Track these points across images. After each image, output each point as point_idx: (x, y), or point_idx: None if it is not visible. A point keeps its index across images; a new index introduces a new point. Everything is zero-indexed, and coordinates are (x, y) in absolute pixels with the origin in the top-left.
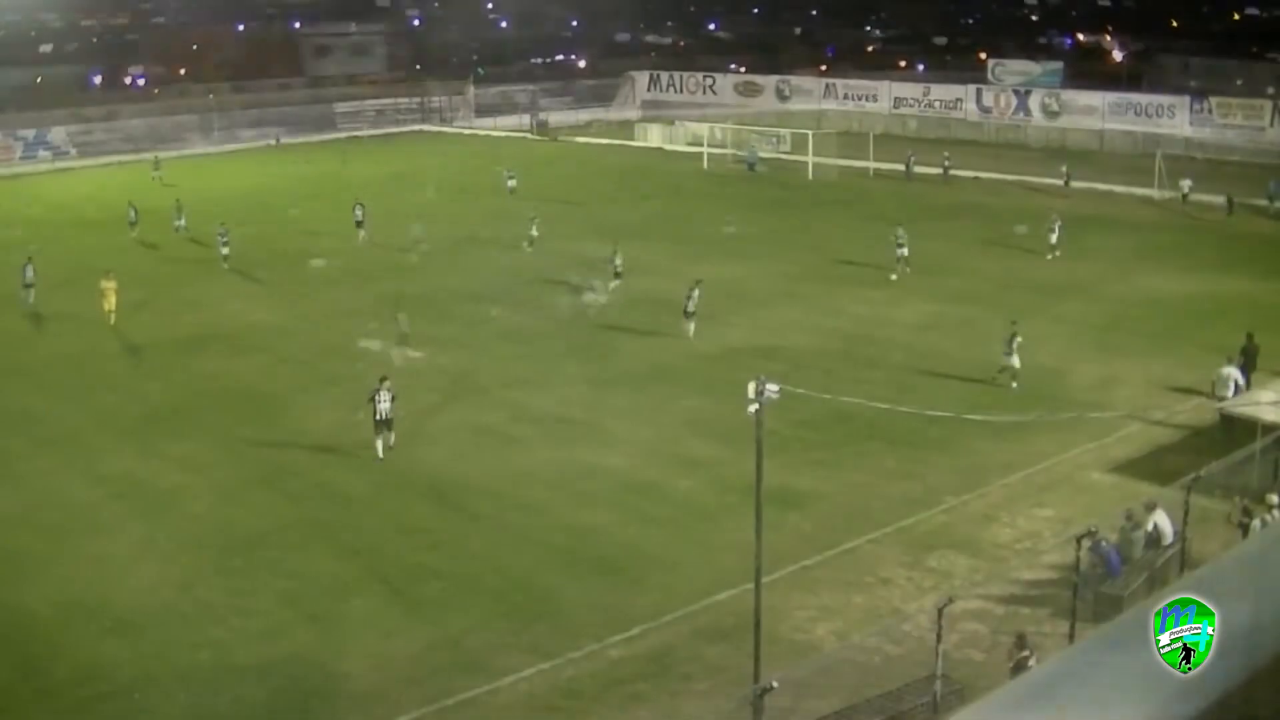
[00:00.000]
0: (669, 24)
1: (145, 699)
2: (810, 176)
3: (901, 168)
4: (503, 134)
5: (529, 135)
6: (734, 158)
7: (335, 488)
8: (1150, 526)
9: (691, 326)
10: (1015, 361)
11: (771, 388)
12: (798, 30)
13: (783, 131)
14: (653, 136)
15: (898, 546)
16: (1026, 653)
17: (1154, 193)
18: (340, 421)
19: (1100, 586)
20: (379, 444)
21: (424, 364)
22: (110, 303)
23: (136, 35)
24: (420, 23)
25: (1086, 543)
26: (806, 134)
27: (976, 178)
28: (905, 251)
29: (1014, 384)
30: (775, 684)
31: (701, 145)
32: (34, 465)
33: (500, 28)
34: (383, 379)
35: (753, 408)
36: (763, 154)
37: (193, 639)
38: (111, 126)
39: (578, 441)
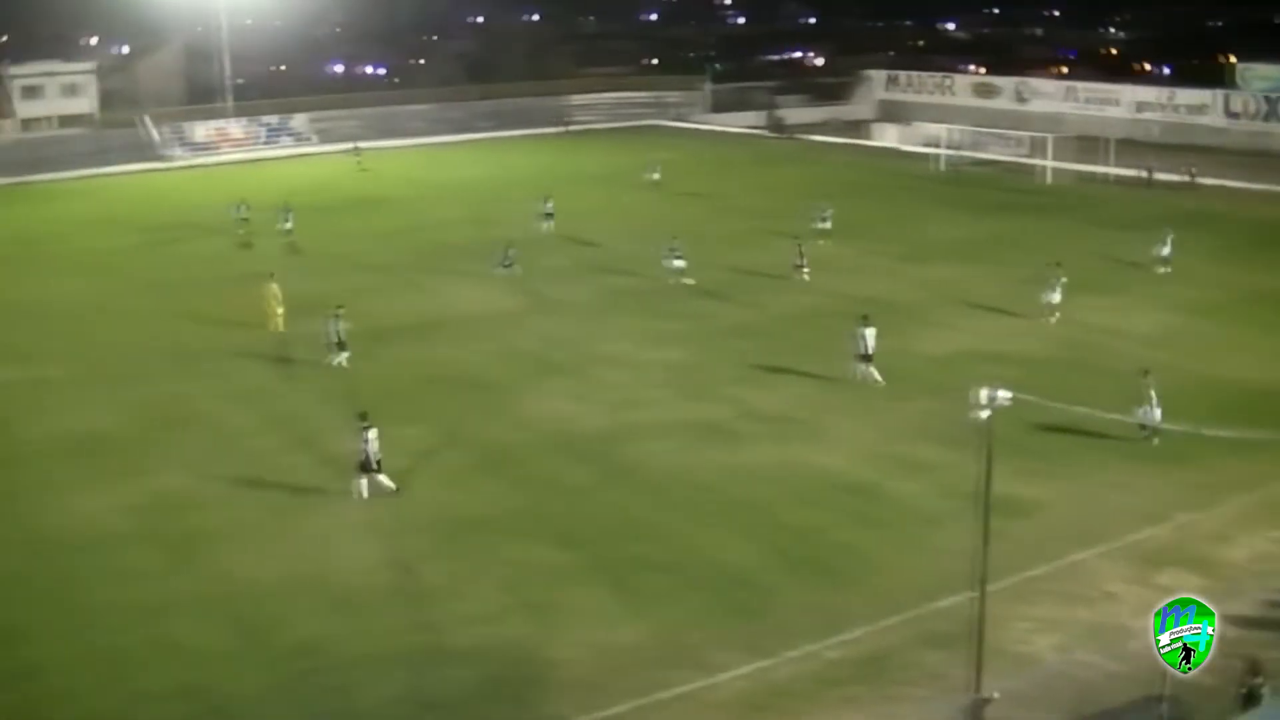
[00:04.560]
0: (908, 23)
1: (363, 675)
2: (1049, 180)
3: (1143, 174)
4: (738, 130)
5: (765, 132)
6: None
7: (559, 477)
8: None
9: (860, 369)
10: (1158, 414)
11: (1003, 394)
12: (1038, 31)
13: (1020, 134)
14: (888, 136)
15: (1124, 561)
16: (1259, 679)
17: None
18: (563, 412)
19: None
20: (361, 485)
21: (649, 360)
22: (272, 308)
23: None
24: (656, 17)
25: None
26: (1045, 137)
27: (1223, 186)
28: (1056, 297)
29: (1155, 440)
30: (997, 694)
31: (938, 147)
32: (262, 442)
33: (735, 23)
34: (362, 415)
35: (983, 414)
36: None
37: (411, 620)
38: (350, 114)
39: (801, 440)
